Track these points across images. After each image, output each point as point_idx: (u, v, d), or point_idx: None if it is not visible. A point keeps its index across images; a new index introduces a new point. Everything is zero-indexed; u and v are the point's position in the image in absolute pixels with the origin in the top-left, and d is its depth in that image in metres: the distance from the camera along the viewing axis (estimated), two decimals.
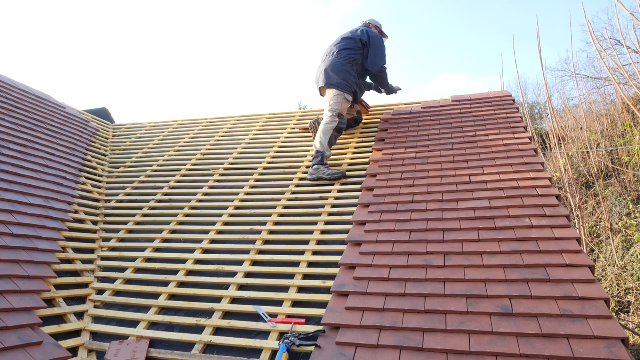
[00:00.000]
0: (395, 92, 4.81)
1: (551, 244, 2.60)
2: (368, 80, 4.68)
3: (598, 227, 8.80)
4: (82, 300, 3.06)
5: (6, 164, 3.59)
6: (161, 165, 4.92)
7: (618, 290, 7.00)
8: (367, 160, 4.15)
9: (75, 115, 5.44)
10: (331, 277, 2.86)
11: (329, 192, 3.83)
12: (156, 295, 3.05)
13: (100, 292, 3.18)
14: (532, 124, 13.55)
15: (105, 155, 5.25)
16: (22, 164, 3.74)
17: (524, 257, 2.55)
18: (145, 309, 2.96)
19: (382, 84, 4.65)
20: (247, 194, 4.08)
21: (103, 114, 6.56)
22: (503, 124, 4.10)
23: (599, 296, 2.18)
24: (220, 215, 3.81)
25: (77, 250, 3.47)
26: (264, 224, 3.59)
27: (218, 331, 2.66)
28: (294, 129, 5.16)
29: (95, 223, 3.97)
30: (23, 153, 3.91)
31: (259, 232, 3.49)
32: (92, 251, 3.60)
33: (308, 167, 4.26)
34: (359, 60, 4.42)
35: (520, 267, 2.49)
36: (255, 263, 3.19)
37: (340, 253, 3.04)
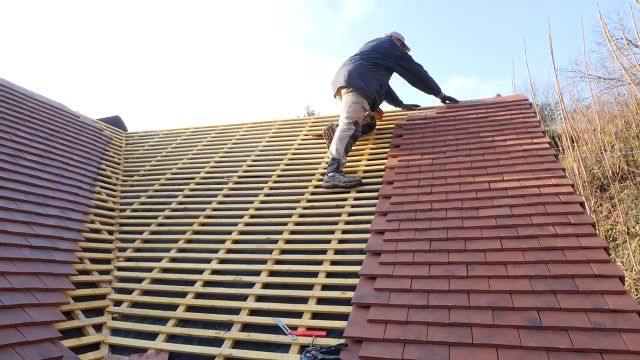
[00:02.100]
0: (456, 101, 4.82)
1: (578, 253, 2.53)
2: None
3: (614, 230, 8.66)
4: (100, 312, 3.05)
5: (23, 175, 3.60)
6: (175, 174, 4.91)
7: (637, 295, 6.87)
8: (382, 166, 4.10)
9: (89, 124, 5.46)
10: (351, 287, 2.81)
11: (345, 199, 3.79)
12: (174, 307, 3.02)
13: (118, 303, 3.16)
14: (543, 126, 13.42)
15: (119, 164, 5.26)
16: (38, 174, 3.74)
17: (550, 267, 2.49)
18: (163, 320, 2.93)
19: (435, 88, 4.63)
20: (262, 202, 4.06)
21: (116, 122, 6.59)
22: (521, 129, 4.04)
23: (632, 308, 2.11)
24: (235, 224, 3.78)
25: (93, 261, 3.46)
26: (280, 232, 3.56)
27: (238, 344, 2.63)
28: (307, 135, 5.14)
29: (111, 232, 3.96)
30: (39, 163, 3.92)
31: (276, 242, 3.46)
32: (108, 261, 3.59)
33: (323, 174, 4.22)
34: (382, 72, 4.45)
35: (547, 277, 2.43)
36: (272, 273, 3.16)
37: (359, 263, 2.99)
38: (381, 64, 4.38)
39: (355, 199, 3.78)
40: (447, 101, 4.84)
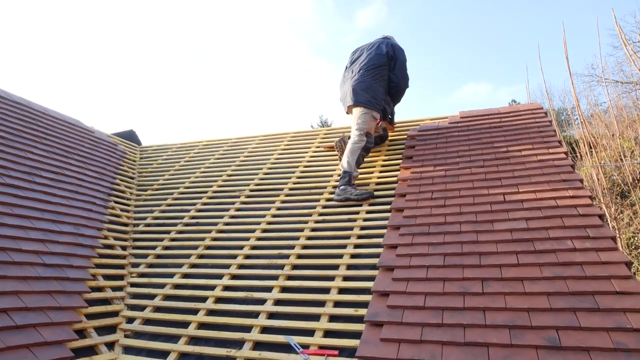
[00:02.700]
0: (394, 123, 4.86)
1: (597, 269, 2.45)
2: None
3: (636, 238, 8.43)
4: (112, 329, 3.05)
5: (38, 192, 3.64)
6: (187, 188, 4.93)
7: None
8: (394, 178, 4.06)
9: (104, 139, 5.53)
10: (363, 304, 2.77)
11: (357, 213, 3.75)
12: (186, 324, 3.01)
13: (130, 320, 3.16)
14: (560, 131, 13.20)
15: (132, 178, 5.31)
16: (53, 192, 3.79)
17: (569, 283, 2.41)
18: (175, 338, 2.92)
19: (398, 101, 4.60)
20: (274, 216, 4.04)
21: (130, 137, 6.66)
22: (536, 138, 3.96)
23: None
24: (247, 239, 3.77)
25: (106, 277, 3.47)
26: (292, 247, 3.53)
27: None
28: (318, 147, 5.12)
29: (124, 248, 3.98)
30: (54, 180, 3.97)
31: (287, 257, 3.43)
32: (121, 277, 3.60)
33: (335, 187, 4.19)
34: (386, 75, 4.35)
35: (566, 294, 2.35)
36: (284, 289, 3.13)
37: (371, 278, 2.94)
38: (383, 65, 4.28)
39: (368, 212, 3.74)
40: (390, 119, 4.74)
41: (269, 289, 3.15)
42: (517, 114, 4.53)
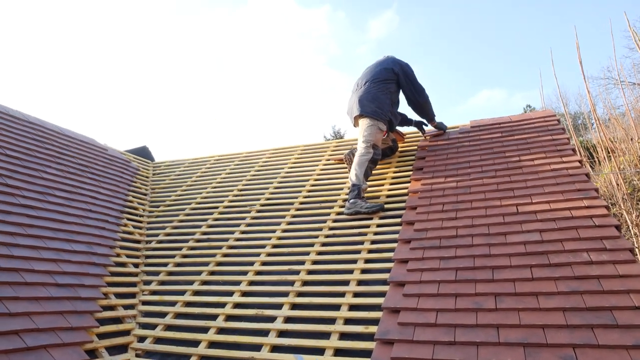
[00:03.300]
0: (445, 130, 4.71)
1: (615, 283, 2.37)
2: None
3: None
4: (123, 348, 3.05)
5: (52, 212, 3.69)
6: (199, 203, 4.95)
7: None
8: (405, 190, 4.01)
9: (117, 156, 5.61)
10: (374, 321, 2.72)
11: (368, 226, 3.71)
12: (196, 343, 2.99)
13: (142, 339, 3.16)
14: (577, 136, 12.96)
15: (145, 194, 5.36)
16: (67, 211, 3.84)
17: (586, 298, 2.33)
18: (185, 357, 2.91)
19: (429, 115, 4.55)
20: (284, 230, 4.02)
21: (143, 153, 6.76)
22: (549, 147, 3.88)
23: None
24: (258, 255, 3.76)
25: (118, 296, 3.49)
26: (302, 263, 3.50)
27: None
28: (328, 160, 5.10)
29: (136, 265, 4.01)
30: (68, 199, 4.03)
31: (298, 272, 3.40)
32: (133, 295, 3.62)
33: (345, 200, 4.17)
34: (392, 88, 4.37)
35: (582, 310, 2.27)
36: (294, 306, 3.10)
37: (382, 294, 2.90)
38: (389, 79, 4.31)
39: (378, 225, 3.70)
40: (437, 129, 4.70)
41: (279, 306, 3.12)
42: (529, 121, 4.46)
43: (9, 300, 2.60)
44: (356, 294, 3.03)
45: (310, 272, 3.39)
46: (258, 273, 3.56)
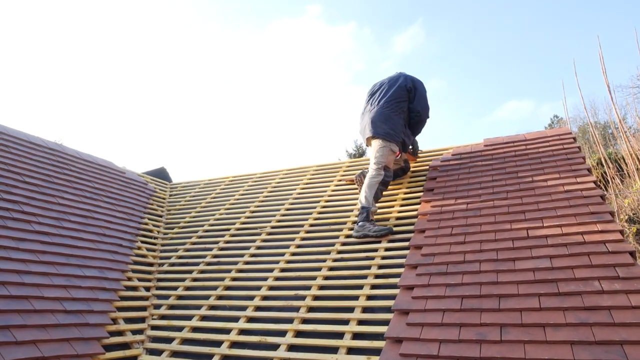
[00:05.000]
0: (417, 154, 4.80)
1: (627, 315, 2.25)
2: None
3: None
4: None
5: (66, 237, 3.79)
6: (212, 225, 5.00)
7: None
8: (415, 212, 3.95)
9: (134, 179, 5.73)
10: (376, 351, 2.66)
11: (376, 250, 3.66)
12: None
13: None
14: (605, 147, 12.54)
15: (161, 216, 5.45)
16: (80, 236, 3.93)
17: (595, 330, 2.22)
18: None
19: (419, 131, 4.54)
20: (293, 254, 4.01)
21: (161, 174, 6.90)
22: (563, 167, 3.76)
23: None
24: (265, 279, 3.75)
25: (128, 320, 3.53)
26: (309, 288, 3.47)
27: None
28: (340, 180, 5.09)
29: (147, 289, 4.05)
30: (82, 224, 4.12)
31: (304, 298, 3.37)
32: (142, 320, 3.65)
33: (354, 222, 4.13)
34: (405, 108, 4.33)
35: (591, 343, 2.16)
36: (298, 334, 3.06)
37: (386, 322, 2.83)
38: (402, 99, 4.27)
39: (386, 249, 3.64)
40: (411, 151, 4.68)
41: (283, 333, 3.09)
42: (544, 140, 4.34)
43: (16, 328, 2.66)
44: (360, 322, 2.98)
45: (315, 298, 3.36)
46: (265, 298, 3.55)
